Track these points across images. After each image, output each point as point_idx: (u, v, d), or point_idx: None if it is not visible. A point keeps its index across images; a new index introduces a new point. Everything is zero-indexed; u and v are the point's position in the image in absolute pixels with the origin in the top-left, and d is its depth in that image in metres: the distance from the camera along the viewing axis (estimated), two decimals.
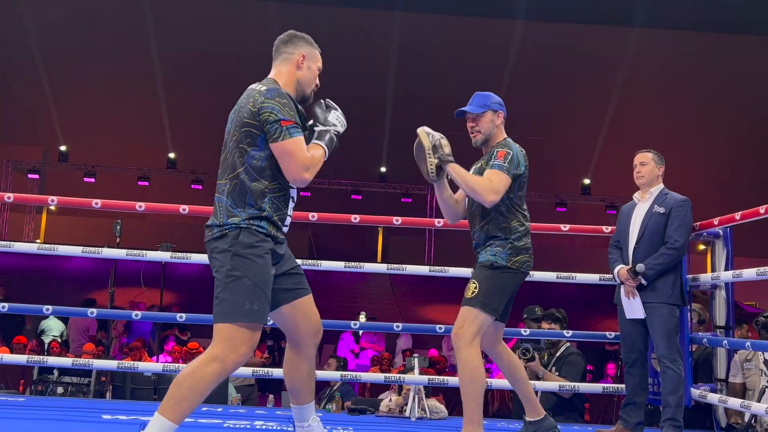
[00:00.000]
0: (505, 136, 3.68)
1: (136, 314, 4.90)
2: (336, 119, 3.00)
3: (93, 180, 16.27)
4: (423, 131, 3.53)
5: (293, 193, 2.97)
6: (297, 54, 3.00)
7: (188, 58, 15.38)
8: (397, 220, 4.94)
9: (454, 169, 3.49)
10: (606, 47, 14.82)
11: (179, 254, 4.93)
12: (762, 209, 4.03)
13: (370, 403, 5.12)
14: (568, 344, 5.39)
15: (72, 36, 15.05)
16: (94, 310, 5.13)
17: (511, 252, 3.51)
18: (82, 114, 16.48)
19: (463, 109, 3.66)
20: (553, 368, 5.23)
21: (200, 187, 16.50)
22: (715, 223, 4.47)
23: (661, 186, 4.36)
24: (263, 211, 2.82)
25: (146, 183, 16.39)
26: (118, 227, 6.41)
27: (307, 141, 2.92)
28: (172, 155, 16.64)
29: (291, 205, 2.97)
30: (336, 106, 3.06)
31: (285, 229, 2.96)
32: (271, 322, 3.13)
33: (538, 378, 5.08)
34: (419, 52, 14.82)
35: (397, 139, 15.39)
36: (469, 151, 3.77)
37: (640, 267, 4.11)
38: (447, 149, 3.51)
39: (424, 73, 15.07)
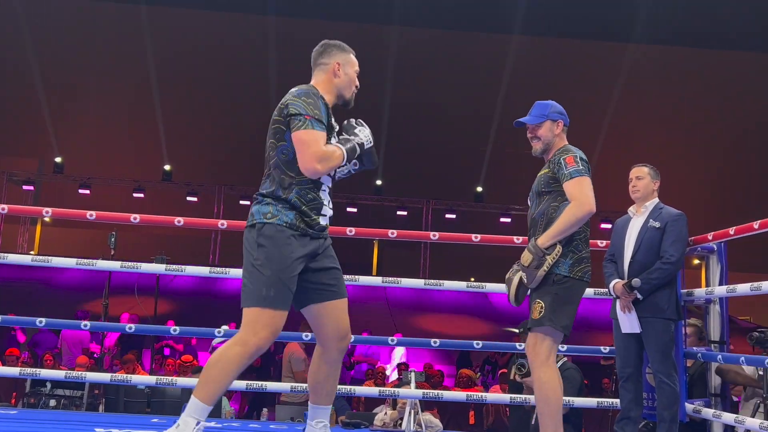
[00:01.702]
0: (566, 143, 3.67)
1: (130, 327, 4.88)
2: (361, 133, 3.13)
3: (88, 192, 16.22)
4: (516, 287, 3.45)
5: (326, 188, 3.05)
6: (332, 62, 3.14)
7: (184, 71, 15.40)
8: (392, 233, 4.93)
9: (547, 239, 3.41)
10: (602, 62, 14.90)
11: (174, 266, 4.91)
12: (756, 224, 4.04)
13: (365, 417, 5.10)
14: (565, 359, 5.38)
15: (68, 48, 15.06)
16: (88, 323, 5.11)
17: (573, 261, 3.46)
18: (78, 126, 16.48)
19: (521, 120, 3.67)
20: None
21: (195, 198, 16.47)
22: (710, 237, 4.48)
23: (657, 200, 4.37)
24: (290, 201, 2.94)
25: (141, 195, 16.35)
26: (112, 239, 6.40)
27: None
28: (167, 167, 16.63)
29: (326, 196, 3.05)
30: (365, 124, 3.18)
31: (322, 221, 3.03)
32: None
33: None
34: (416, 66, 14.87)
35: (393, 152, 15.42)
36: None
37: (636, 282, 4.10)
38: (528, 261, 3.43)
39: (421, 87, 15.12)
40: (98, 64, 15.30)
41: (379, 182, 16.88)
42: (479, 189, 16.63)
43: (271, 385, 5.08)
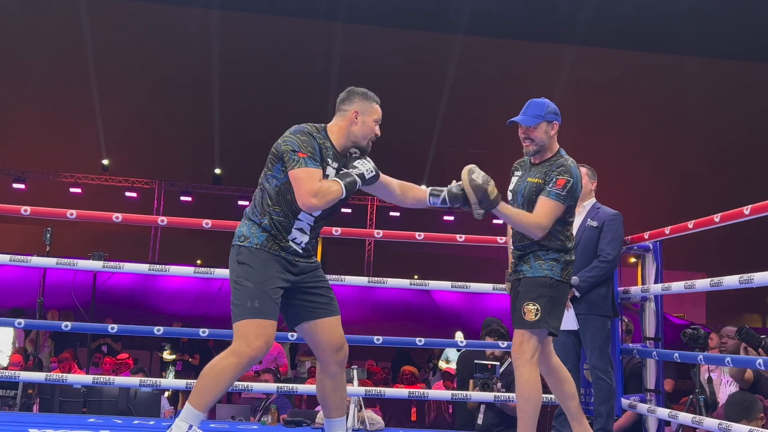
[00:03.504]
0: (558, 146, 3.60)
1: (66, 325, 4.76)
2: (362, 165, 3.18)
3: (23, 186, 15.76)
4: (467, 183, 3.32)
5: (302, 222, 3.14)
6: (351, 110, 3.26)
7: (124, 63, 15.07)
8: (336, 231, 4.93)
9: (502, 211, 3.40)
10: (544, 63, 15.13)
11: (111, 264, 4.82)
12: (690, 224, 4.16)
13: (307, 415, 5.08)
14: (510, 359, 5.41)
15: (6, 40, 14.60)
16: (22, 321, 4.98)
17: (563, 266, 3.50)
18: (13, 117, 15.97)
19: (515, 119, 3.54)
20: (500, 383, 5.22)
21: (135, 195, 16.16)
22: (646, 237, 4.59)
23: (594, 200, 4.46)
24: (261, 224, 3.11)
25: (79, 190, 15.96)
26: (48, 235, 6.21)
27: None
28: (105, 162, 16.27)
29: (296, 232, 3.14)
30: (367, 158, 3.23)
31: (295, 248, 3.14)
32: (206, 333, 3.07)
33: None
34: (361, 64, 14.86)
35: None
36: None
37: (574, 280, 4.17)
38: (493, 194, 3.33)
39: (367, 85, 15.14)
40: (35, 54, 14.85)
41: None
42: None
43: None
